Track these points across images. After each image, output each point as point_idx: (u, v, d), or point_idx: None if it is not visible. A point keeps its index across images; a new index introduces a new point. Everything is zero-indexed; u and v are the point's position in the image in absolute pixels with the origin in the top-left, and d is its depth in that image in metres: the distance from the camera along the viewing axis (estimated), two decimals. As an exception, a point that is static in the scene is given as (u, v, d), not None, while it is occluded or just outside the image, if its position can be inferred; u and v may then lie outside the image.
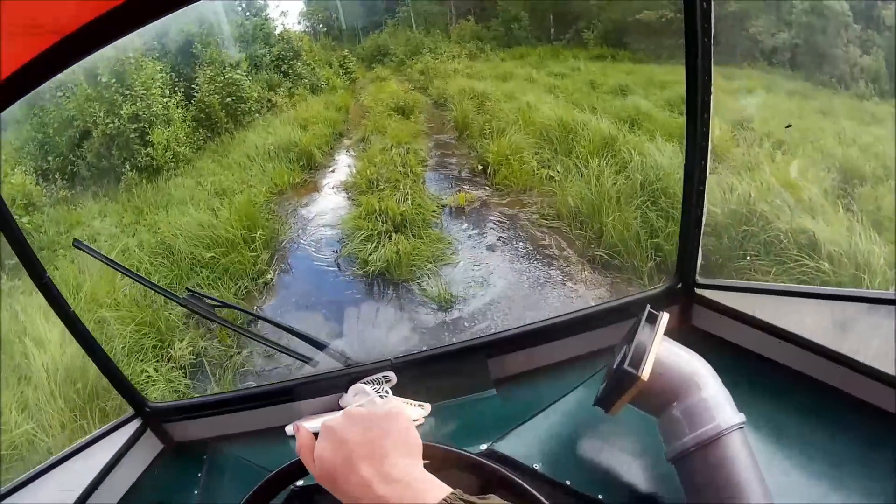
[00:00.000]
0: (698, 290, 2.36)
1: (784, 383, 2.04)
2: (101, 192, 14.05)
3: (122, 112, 14.64)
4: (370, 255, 9.28)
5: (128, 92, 14.93)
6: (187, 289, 2.33)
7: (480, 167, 13.15)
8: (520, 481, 1.35)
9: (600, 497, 1.79)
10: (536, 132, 13.49)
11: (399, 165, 12.89)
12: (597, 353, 2.40)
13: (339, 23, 29.72)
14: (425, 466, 1.01)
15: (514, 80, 20.78)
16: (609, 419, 1.77)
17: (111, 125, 14.57)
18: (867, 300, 2.03)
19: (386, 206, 10.37)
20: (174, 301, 2.35)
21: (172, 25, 18.15)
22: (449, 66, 23.46)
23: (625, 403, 1.66)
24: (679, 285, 2.38)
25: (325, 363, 2.44)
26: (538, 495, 1.32)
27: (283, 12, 25.32)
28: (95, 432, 2.40)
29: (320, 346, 2.43)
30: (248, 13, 23.10)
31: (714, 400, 1.58)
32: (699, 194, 2.19)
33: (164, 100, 15.79)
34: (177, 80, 17.43)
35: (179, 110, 16.51)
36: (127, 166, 14.23)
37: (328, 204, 12.57)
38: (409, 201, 10.76)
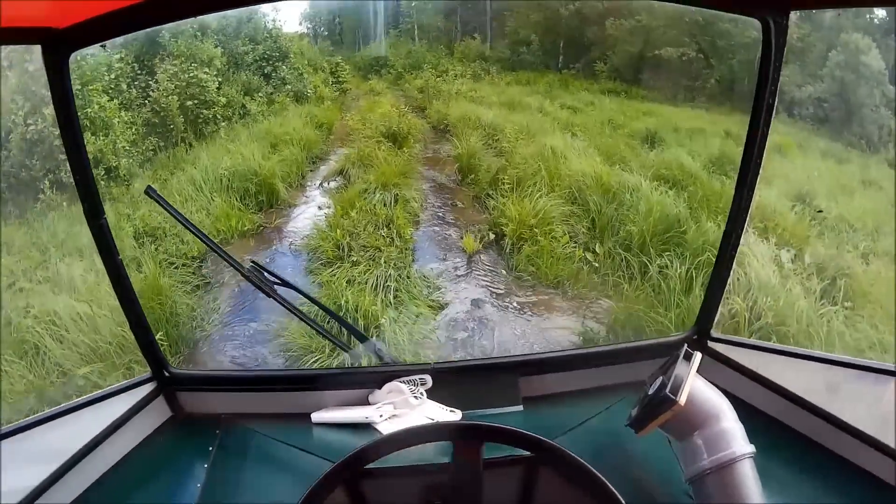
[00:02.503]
0: (711, 343, 2.51)
1: (774, 434, 2.16)
2: (15, 212, 10.38)
3: (46, 112, 10.64)
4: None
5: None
6: (252, 261, 2.41)
7: (492, 235, 9.92)
8: (580, 460, 1.54)
9: None
10: (566, 191, 10.58)
11: (382, 223, 9.56)
12: (618, 385, 2.45)
13: (341, 27, 26.47)
14: None
15: (522, 109, 17.84)
16: (627, 443, 2.01)
17: (32, 128, 10.73)
18: (865, 369, 2.14)
19: (357, 302, 7.16)
20: (236, 269, 2.35)
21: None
22: (451, 86, 20.03)
23: (656, 426, 1.79)
24: (696, 336, 2.53)
25: (360, 358, 2.74)
26: (597, 474, 1.52)
27: (275, 7, 20.64)
28: (110, 387, 2.31)
29: (362, 338, 2.64)
30: (237, 3, 18.78)
31: (731, 431, 1.72)
32: (731, 257, 2.40)
33: (105, 99, 11.96)
34: (139, 73, 13.82)
35: (124, 113, 12.65)
36: (46, 182, 10.44)
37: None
38: (391, 293, 7.62)
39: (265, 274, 2.40)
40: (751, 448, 1.70)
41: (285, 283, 2.55)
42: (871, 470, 1.97)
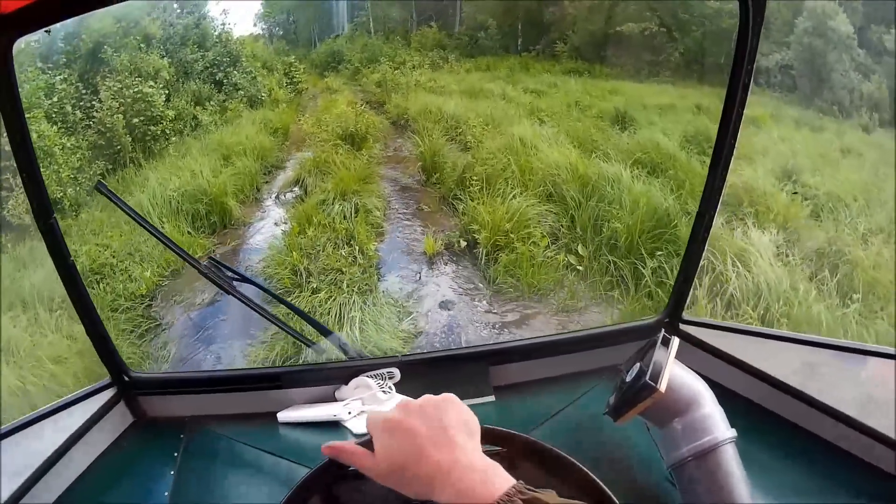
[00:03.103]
0: (683, 326, 2.44)
1: (751, 417, 2.09)
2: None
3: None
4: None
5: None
6: (209, 257, 2.38)
7: (464, 243, 9.05)
8: (573, 459, 1.43)
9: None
10: (540, 187, 9.82)
11: (343, 239, 8.79)
12: (590, 371, 2.43)
13: (295, 25, 25.61)
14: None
15: (484, 97, 17.03)
16: (604, 431, 1.97)
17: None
18: (841, 349, 2.12)
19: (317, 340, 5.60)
20: (194, 267, 2.26)
21: (90, 23, 13.80)
22: (409, 78, 19.36)
23: (635, 414, 1.72)
24: (667, 319, 2.46)
25: (326, 353, 2.59)
26: (590, 473, 1.40)
27: (224, 10, 19.46)
28: (68, 396, 2.19)
29: (326, 332, 2.47)
30: (182, 10, 18.06)
31: (711, 416, 1.67)
32: (703, 240, 2.31)
33: (44, 126, 11.19)
34: (84, 93, 12.91)
35: (67, 139, 11.80)
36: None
37: (225, 313, 8.06)
38: (356, 326, 6.81)
39: (223, 270, 2.32)
40: (732, 433, 1.66)
41: (245, 279, 2.48)
42: (852, 450, 1.93)
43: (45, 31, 1.81)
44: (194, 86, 16.30)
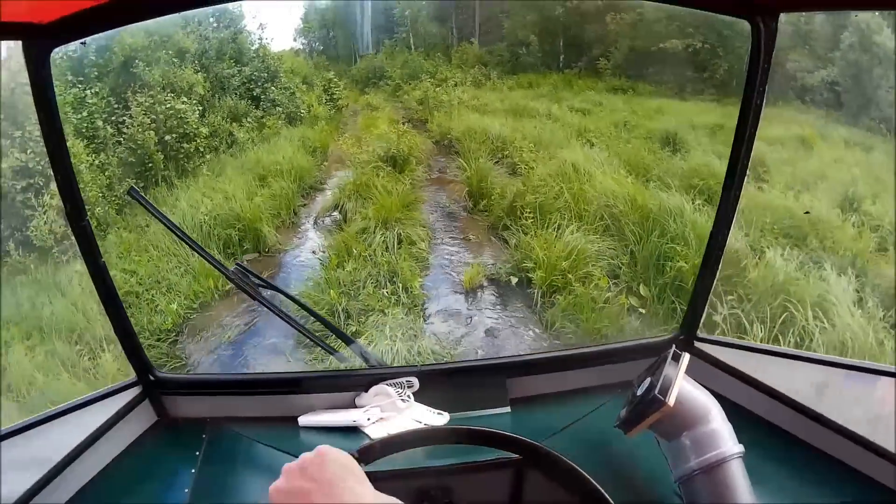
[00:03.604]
0: (698, 344, 2.44)
1: (762, 434, 2.10)
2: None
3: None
4: None
5: (18, 134, 9.45)
6: (237, 263, 2.35)
7: (514, 280, 8.20)
8: (571, 463, 1.59)
9: None
10: (596, 219, 8.98)
11: (385, 275, 8.00)
12: (605, 386, 2.42)
13: (336, 41, 24.86)
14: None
15: (528, 116, 16.41)
16: (616, 445, 1.96)
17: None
18: (852, 367, 2.11)
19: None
20: (221, 272, 2.29)
21: (122, 36, 12.94)
22: (452, 96, 18.48)
23: (645, 427, 1.72)
24: (682, 337, 2.46)
25: (348, 361, 2.58)
26: (589, 477, 1.55)
27: (261, 25, 18.72)
28: (94, 393, 2.20)
29: (348, 340, 2.50)
30: (219, 24, 17.19)
31: (719, 431, 1.66)
32: (717, 259, 2.33)
33: (74, 142, 10.55)
34: (116, 108, 12.15)
35: (94, 156, 11.11)
36: (11, 244, 9.07)
37: (254, 350, 7.42)
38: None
39: (250, 277, 2.27)
40: (739, 448, 1.62)
41: (270, 286, 2.49)
42: (861, 469, 1.89)
43: (81, 43, 1.80)
44: (230, 101, 15.55)
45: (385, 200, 9.99)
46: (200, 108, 13.95)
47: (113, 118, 11.92)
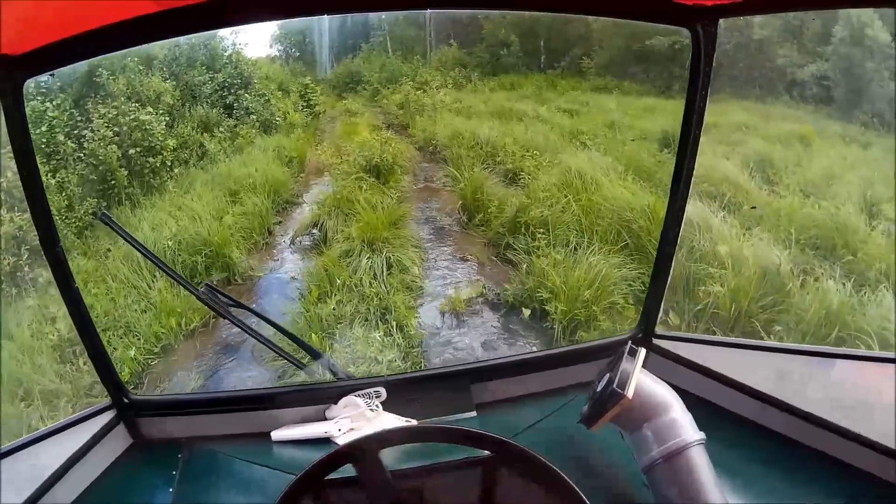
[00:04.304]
0: (656, 340, 2.47)
1: (725, 424, 2.11)
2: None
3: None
4: None
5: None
6: (206, 283, 2.33)
7: (527, 313, 7.10)
8: (543, 459, 1.50)
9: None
10: (609, 234, 8.04)
11: (375, 312, 6.94)
12: (568, 387, 2.45)
13: (312, 46, 23.68)
14: None
15: (516, 118, 15.49)
16: (583, 441, 1.99)
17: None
18: (807, 353, 2.21)
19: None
20: (191, 293, 2.30)
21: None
22: (434, 98, 17.56)
23: (607, 421, 1.75)
24: (640, 335, 2.49)
25: (317, 374, 2.59)
26: (559, 471, 1.47)
27: (234, 30, 17.32)
28: (68, 418, 2.20)
29: (316, 355, 2.53)
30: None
31: (679, 420, 1.68)
32: (670, 256, 2.37)
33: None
34: (79, 121, 10.99)
35: (52, 176, 9.93)
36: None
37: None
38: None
39: (219, 296, 2.29)
40: (700, 435, 1.66)
41: (239, 305, 2.49)
42: (825, 450, 1.94)
43: (50, 75, 2.05)
44: (202, 110, 14.30)
45: (369, 217, 8.85)
46: (170, 117, 12.83)
47: (75, 132, 10.80)
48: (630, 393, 1.65)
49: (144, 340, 7.00)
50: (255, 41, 23.05)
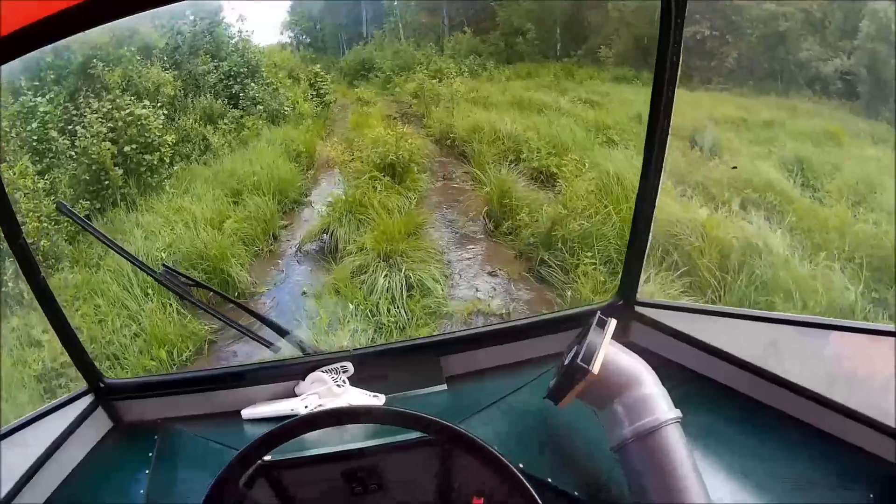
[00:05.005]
0: (638, 308, 2.36)
1: (714, 396, 2.07)
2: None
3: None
4: None
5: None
6: (163, 265, 2.28)
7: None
8: (489, 447, 1.45)
9: (549, 480, 1.78)
10: (660, 252, 6.77)
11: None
12: (541, 358, 2.31)
13: (323, 33, 23.33)
14: None
15: (535, 108, 14.28)
16: (555, 416, 1.88)
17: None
18: (798, 323, 2.06)
19: None
20: (150, 275, 2.25)
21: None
22: (450, 87, 16.23)
23: (574, 397, 1.67)
24: (620, 302, 2.38)
25: (285, 350, 2.42)
26: (504, 459, 1.43)
27: (240, 16, 16.20)
28: (47, 405, 2.16)
29: (283, 332, 2.40)
30: (195, 17, 14.62)
31: (652, 396, 1.59)
32: (647, 220, 2.23)
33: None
34: (74, 115, 10.08)
35: (42, 175, 8.99)
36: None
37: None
38: None
39: (179, 277, 2.23)
40: (675, 413, 1.55)
41: (200, 285, 2.46)
42: (813, 423, 1.86)
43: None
44: (205, 101, 13.25)
45: (385, 224, 7.74)
46: (171, 109, 11.97)
47: (69, 127, 9.88)
48: (596, 368, 1.55)
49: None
50: (263, 28, 22.18)
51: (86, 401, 2.21)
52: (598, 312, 1.73)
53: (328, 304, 6.45)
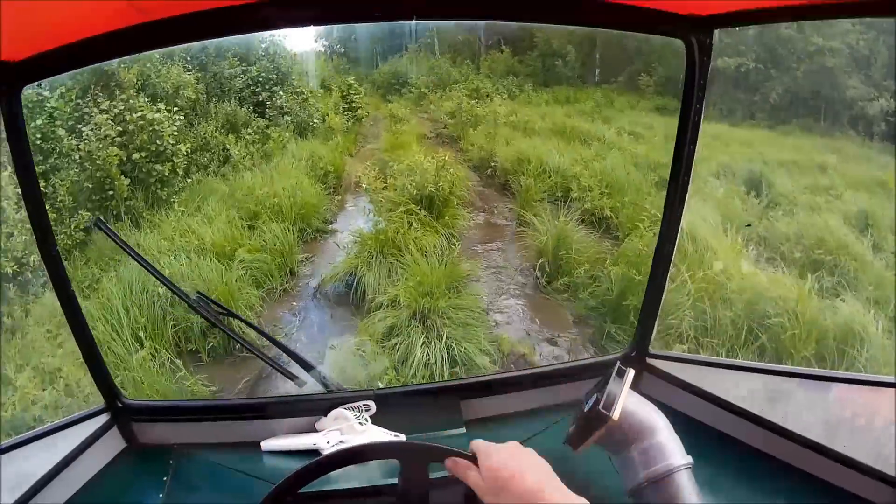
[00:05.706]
0: (650, 360, 2.31)
1: (720, 447, 1.99)
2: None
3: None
4: None
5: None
6: (198, 292, 2.18)
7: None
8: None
9: None
10: (745, 334, 5.65)
11: None
12: (558, 406, 2.23)
13: (357, 43, 22.67)
14: None
15: (578, 138, 13.47)
16: (570, 461, 1.65)
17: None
18: (803, 376, 2.02)
19: None
20: (184, 302, 2.14)
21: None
22: (490, 109, 14.98)
23: (592, 442, 1.61)
24: (634, 353, 2.33)
25: (308, 386, 2.29)
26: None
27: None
28: (61, 420, 2.02)
29: (309, 367, 2.29)
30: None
31: (666, 444, 1.54)
32: (663, 274, 2.19)
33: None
34: (85, 113, 8.89)
35: (46, 179, 8.09)
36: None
37: None
38: None
39: (211, 305, 2.16)
40: (687, 460, 1.51)
41: (231, 314, 2.39)
42: (818, 474, 1.79)
43: (37, 85, 2.68)
44: (229, 108, 12.06)
45: (421, 272, 6.40)
46: (192, 113, 10.90)
47: (79, 126, 8.71)
48: (616, 415, 1.50)
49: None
50: (295, 34, 21.20)
51: (101, 419, 2.08)
52: (619, 363, 1.64)
53: (350, 372, 5.12)
